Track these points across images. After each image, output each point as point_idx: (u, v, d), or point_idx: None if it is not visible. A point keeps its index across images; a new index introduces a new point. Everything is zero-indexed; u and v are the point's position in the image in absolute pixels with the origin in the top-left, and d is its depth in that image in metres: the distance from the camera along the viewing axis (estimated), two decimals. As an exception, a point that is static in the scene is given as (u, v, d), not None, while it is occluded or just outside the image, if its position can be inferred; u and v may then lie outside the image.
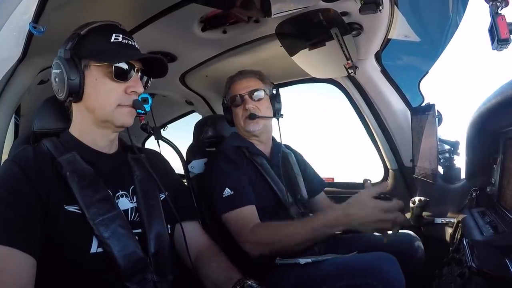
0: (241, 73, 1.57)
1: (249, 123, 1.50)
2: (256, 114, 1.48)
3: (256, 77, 1.55)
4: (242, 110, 1.51)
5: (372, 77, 1.76)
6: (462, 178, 1.57)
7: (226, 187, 1.35)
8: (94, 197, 0.87)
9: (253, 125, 1.50)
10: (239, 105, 1.52)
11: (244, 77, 1.55)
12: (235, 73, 1.59)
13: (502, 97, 0.98)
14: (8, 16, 1.17)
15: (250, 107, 1.49)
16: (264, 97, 1.53)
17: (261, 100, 1.52)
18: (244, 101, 1.50)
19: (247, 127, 1.50)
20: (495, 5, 0.88)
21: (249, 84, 1.52)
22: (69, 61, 0.90)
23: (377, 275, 1.04)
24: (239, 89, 1.52)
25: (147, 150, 1.21)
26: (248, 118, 1.49)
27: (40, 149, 0.93)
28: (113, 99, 0.92)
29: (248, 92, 1.50)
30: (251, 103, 1.49)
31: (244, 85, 1.52)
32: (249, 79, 1.54)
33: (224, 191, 1.34)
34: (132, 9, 1.33)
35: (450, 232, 1.37)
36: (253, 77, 1.55)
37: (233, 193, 1.34)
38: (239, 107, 1.52)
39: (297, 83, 2.20)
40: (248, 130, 1.51)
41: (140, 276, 0.88)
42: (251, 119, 1.48)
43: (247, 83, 1.53)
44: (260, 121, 1.50)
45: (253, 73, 1.57)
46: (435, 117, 1.41)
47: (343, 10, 1.38)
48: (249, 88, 1.51)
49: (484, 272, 0.75)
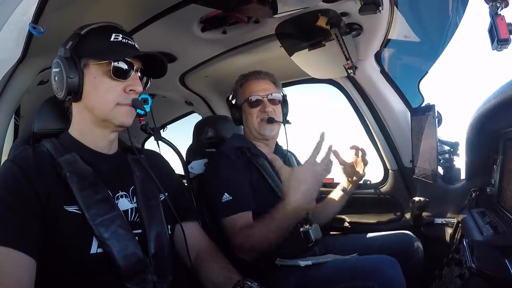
0: (258, 73, 1.55)
1: (266, 126, 1.49)
2: (275, 118, 1.48)
3: (271, 80, 1.55)
4: (259, 111, 1.50)
5: (371, 78, 1.76)
6: (462, 179, 1.58)
7: (225, 192, 1.34)
8: (94, 198, 0.87)
9: (270, 129, 1.50)
10: (256, 106, 1.50)
11: (262, 78, 1.54)
12: (250, 72, 1.57)
13: (502, 98, 0.98)
14: (8, 17, 1.17)
15: (269, 111, 1.48)
16: (279, 103, 1.53)
17: (277, 105, 1.52)
18: (264, 103, 1.49)
19: (263, 130, 1.50)
20: (495, 6, 0.88)
21: (266, 87, 1.52)
22: (68, 60, 0.90)
23: (378, 278, 1.04)
24: (257, 90, 1.51)
25: (147, 150, 1.21)
26: (266, 121, 1.48)
27: (40, 150, 0.93)
28: (112, 98, 0.92)
29: (267, 94, 1.50)
30: (270, 107, 1.49)
31: (262, 87, 1.51)
32: (266, 81, 1.54)
33: (223, 196, 1.33)
34: (132, 10, 1.33)
35: (450, 232, 1.37)
36: (268, 80, 1.55)
37: (231, 198, 1.33)
38: (256, 108, 1.50)
39: (296, 84, 2.21)
40: (263, 133, 1.50)
41: (140, 277, 0.88)
42: (270, 122, 1.48)
43: (265, 85, 1.52)
44: (276, 125, 1.51)
45: (268, 75, 1.56)
46: (435, 117, 1.41)
47: (343, 11, 1.38)
48: (268, 91, 1.50)
49: (484, 272, 0.75)
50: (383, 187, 2.03)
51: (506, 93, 0.96)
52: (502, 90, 0.99)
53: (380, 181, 2.06)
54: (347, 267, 1.14)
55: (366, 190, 2.09)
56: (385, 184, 2.03)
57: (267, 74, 1.56)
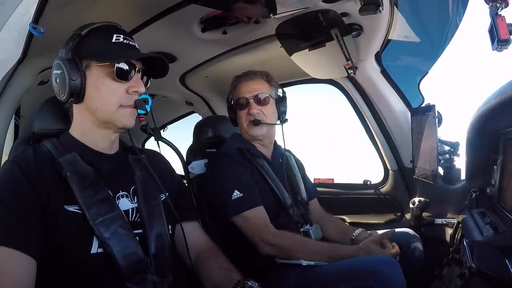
0: (248, 74, 1.53)
1: (253, 128, 1.48)
2: (261, 120, 1.46)
3: (263, 79, 1.52)
4: (246, 114, 1.48)
5: (372, 78, 1.76)
6: (462, 179, 1.58)
7: (234, 189, 1.34)
8: (95, 198, 0.87)
9: (256, 130, 1.48)
10: (243, 108, 1.49)
11: (250, 79, 1.51)
12: (242, 73, 1.55)
13: (502, 98, 0.98)
14: (8, 17, 1.17)
15: (254, 112, 1.46)
16: (270, 102, 1.50)
17: (266, 105, 1.49)
18: (249, 105, 1.48)
19: (250, 131, 1.49)
20: (495, 6, 0.89)
21: (255, 87, 1.49)
22: (70, 62, 0.90)
23: (378, 278, 1.04)
24: (244, 92, 1.49)
25: (148, 150, 1.21)
26: (252, 123, 1.47)
27: (40, 150, 0.93)
28: (115, 100, 0.92)
29: (253, 96, 1.47)
30: (255, 108, 1.47)
31: (250, 88, 1.49)
32: (256, 81, 1.51)
33: (233, 194, 1.34)
34: (132, 10, 1.33)
35: (450, 232, 1.37)
36: (260, 79, 1.52)
37: (243, 195, 1.34)
38: (244, 110, 1.49)
39: (297, 84, 2.21)
40: (251, 134, 1.50)
41: (140, 277, 0.88)
42: (255, 124, 1.47)
43: (253, 86, 1.49)
44: (263, 126, 1.49)
45: (260, 74, 1.53)
46: (435, 118, 1.42)
47: (343, 11, 1.38)
48: (254, 92, 1.48)
49: (484, 272, 0.75)
50: (383, 187, 2.04)
51: (506, 93, 0.97)
52: (502, 90, 0.99)
53: (380, 181, 2.07)
54: (346, 268, 1.14)
55: (366, 190, 2.09)
56: (385, 184, 2.03)
57: (259, 73, 1.54)
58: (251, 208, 1.33)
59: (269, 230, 1.31)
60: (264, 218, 1.34)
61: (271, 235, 1.29)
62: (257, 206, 1.35)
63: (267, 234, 1.30)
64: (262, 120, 1.46)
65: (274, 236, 1.29)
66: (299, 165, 1.70)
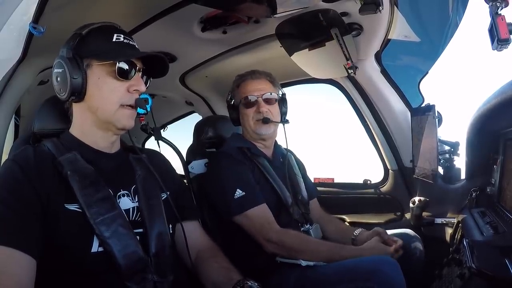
0: (253, 73, 1.54)
1: (262, 126, 1.48)
2: (270, 118, 1.47)
3: (268, 79, 1.53)
4: (255, 112, 1.49)
5: (372, 78, 1.76)
6: (462, 179, 1.57)
7: (237, 188, 1.35)
8: (95, 197, 0.87)
9: (265, 129, 1.48)
10: (251, 106, 1.49)
11: (257, 78, 1.52)
12: (246, 72, 1.56)
13: (502, 98, 0.98)
14: (8, 17, 1.17)
15: (264, 111, 1.47)
16: (275, 102, 1.52)
17: (273, 104, 1.50)
18: (258, 104, 1.48)
19: (259, 130, 1.49)
20: (495, 6, 0.89)
21: (262, 87, 1.50)
22: (71, 60, 0.90)
23: (378, 278, 1.04)
24: (252, 90, 1.49)
25: (148, 150, 1.21)
26: (262, 122, 1.47)
27: (40, 149, 0.93)
28: (116, 98, 0.92)
29: (262, 94, 1.48)
30: (265, 107, 1.48)
31: (257, 87, 1.50)
32: (262, 81, 1.52)
33: (235, 193, 1.34)
34: (132, 10, 1.33)
35: (450, 232, 1.37)
36: (265, 79, 1.53)
37: (245, 193, 1.34)
38: (251, 108, 1.49)
39: (297, 84, 2.21)
40: (259, 133, 1.49)
41: (140, 276, 0.88)
42: (265, 123, 1.47)
43: (260, 85, 1.50)
44: (272, 125, 1.49)
45: (265, 74, 1.54)
46: (435, 117, 1.42)
47: (343, 11, 1.38)
48: (262, 91, 1.49)
49: (484, 272, 0.75)
50: (383, 187, 2.04)
51: (506, 93, 0.96)
52: (502, 90, 0.99)
53: (380, 181, 2.07)
54: (346, 268, 1.14)
55: (366, 190, 2.09)
56: (385, 184, 2.03)
57: (263, 73, 1.55)
58: (254, 207, 1.34)
59: (272, 228, 1.32)
60: (267, 216, 1.35)
61: (274, 233, 1.30)
62: (260, 204, 1.35)
63: (270, 232, 1.30)
64: (271, 119, 1.47)
65: (276, 234, 1.30)
66: (299, 165, 1.71)
